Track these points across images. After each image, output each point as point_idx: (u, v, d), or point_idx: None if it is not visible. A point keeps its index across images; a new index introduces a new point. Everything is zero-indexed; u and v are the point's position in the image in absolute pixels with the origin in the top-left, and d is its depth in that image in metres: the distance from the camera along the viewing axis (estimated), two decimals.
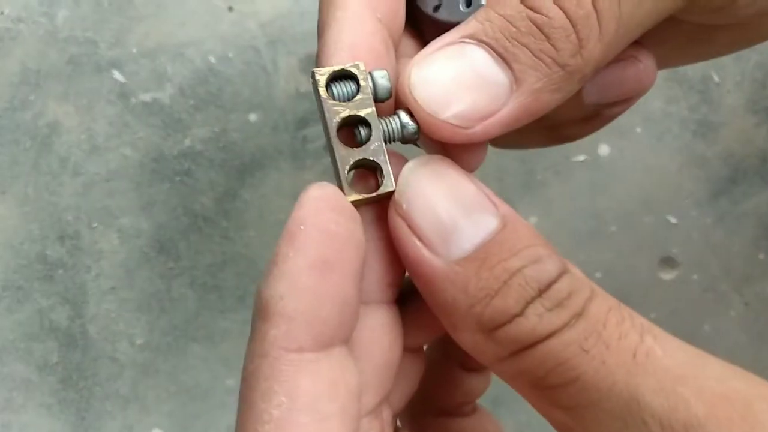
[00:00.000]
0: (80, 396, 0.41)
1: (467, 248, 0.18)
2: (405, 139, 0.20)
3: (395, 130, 0.20)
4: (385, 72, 0.20)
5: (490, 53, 0.19)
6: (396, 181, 0.20)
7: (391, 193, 0.20)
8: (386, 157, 0.20)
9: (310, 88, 0.46)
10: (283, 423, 0.17)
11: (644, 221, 0.46)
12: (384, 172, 0.20)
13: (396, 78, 0.21)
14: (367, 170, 0.20)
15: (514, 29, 0.19)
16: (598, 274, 0.46)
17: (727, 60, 0.46)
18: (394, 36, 0.22)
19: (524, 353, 0.18)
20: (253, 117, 0.42)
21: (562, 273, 0.18)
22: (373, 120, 0.20)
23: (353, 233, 0.19)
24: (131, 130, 0.41)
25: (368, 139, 0.20)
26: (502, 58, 0.19)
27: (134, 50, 0.41)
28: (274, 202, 0.42)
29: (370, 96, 0.20)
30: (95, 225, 0.41)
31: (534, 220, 0.45)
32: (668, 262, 0.47)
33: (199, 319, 0.42)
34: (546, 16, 0.19)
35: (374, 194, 0.20)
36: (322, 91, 0.20)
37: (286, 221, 0.18)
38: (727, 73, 0.46)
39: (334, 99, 0.20)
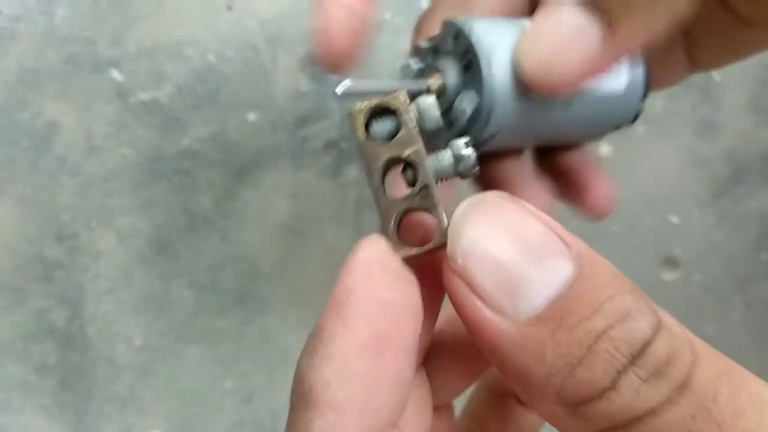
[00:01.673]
0: (78, 397, 0.41)
1: (539, 305, 0.15)
2: (462, 174, 0.18)
3: (448, 167, 0.18)
4: (431, 99, 0.18)
5: (581, 6, 0.22)
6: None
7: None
8: (437, 200, 0.17)
9: (309, 86, 0.46)
10: None
11: (646, 221, 0.46)
12: (438, 221, 0.17)
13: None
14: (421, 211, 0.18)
15: None
16: None
17: None
18: None
19: None
20: (252, 116, 0.42)
21: (658, 330, 0.15)
22: (420, 159, 0.17)
23: (410, 300, 0.16)
24: (129, 130, 0.41)
25: (416, 179, 0.17)
26: (595, 7, 0.21)
27: (132, 49, 0.41)
28: (273, 201, 0.42)
29: (415, 131, 0.17)
30: (93, 225, 0.41)
31: None
32: (670, 262, 0.47)
33: (198, 320, 0.42)
34: None
35: (426, 248, 0.17)
36: (360, 132, 0.17)
37: (333, 289, 0.16)
38: (728, 72, 0.46)
39: (374, 138, 0.17)
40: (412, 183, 0.17)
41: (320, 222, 0.42)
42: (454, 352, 0.20)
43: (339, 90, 0.19)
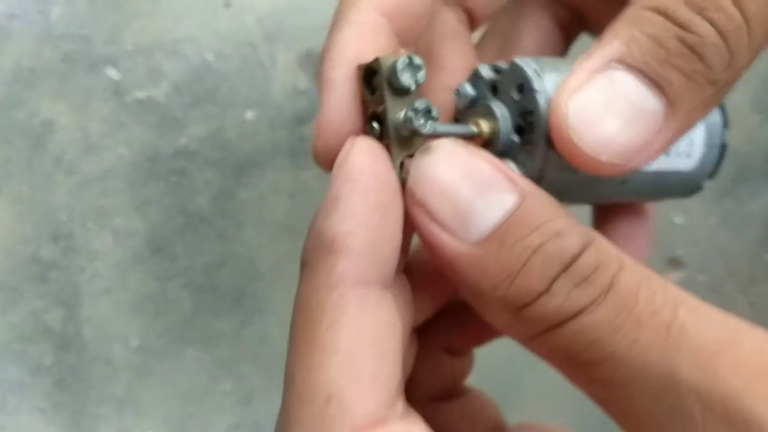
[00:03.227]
0: (75, 399, 0.41)
1: (486, 229, 0.18)
2: (414, 131, 0.20)
3: (400, 124, 0.20)
4: (401, 63, 0.20)
5: (641, 79, 0.19)
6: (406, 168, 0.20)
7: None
8: (393, 151, 0.20)
9: (308, 84, 0.46)
10: (350, 355, 0.18)
11: None
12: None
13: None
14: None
15: (663, 51, 0.19)
16: None
17: None
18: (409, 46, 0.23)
19: (555, 331, 0.18)
20: (250, 114, 0.42)
21: (587, 245, 0.18)
22: (384, 116, 0.20)
23: (398, 184, 0.20)
24: (126, 129, 0.41)
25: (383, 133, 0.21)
26: (655, 84, 0.19)
27: (129, 47, 0.41)
28: (271, 200, 0.42)
29: (384, 91, 0.20)
30: (89, 225, 0.41)
31: None
32: (674, 262, 0.47)
33: (195, 321, 0.42)
34: (697, 35, 0.19)
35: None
36: (363, 89, 0.21)
37: (338, 167, 0.19)
38: None
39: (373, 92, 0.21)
40: (379, 136, 0.20)
41: None
42: (424, 274, 0.23)
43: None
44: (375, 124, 0.20)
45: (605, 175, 0.20)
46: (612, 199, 0.26)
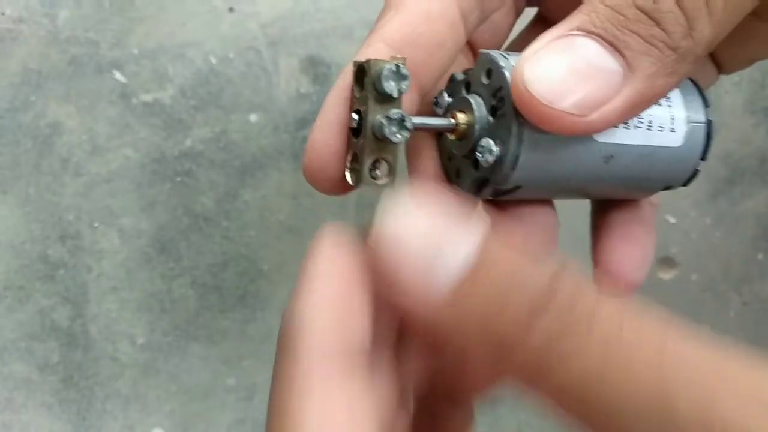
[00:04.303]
0: (81, 396, 0.41)
1: (453, 278, 0.18)
2: (390, 138, 0.21)
3: (379, 126, 0.21)
4: (387, 69, 0.21)
5: (600, 43, 0.19)
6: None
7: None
8: (367, 150, 0.21)
9: (310, 88, 0.46)
10: (322, 420, 0.18)
11: None
12: (361, 164, 0.21)
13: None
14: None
15: (622, 17, 0.19)
16: None
17: None
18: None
19: (547, 372, 0.17)
20: (253, 117, 0.42)
21: (557, 274, 0.17)
22: (364, 116, 0.21)
23: (361, 269, 0.20)
24: (132, 131, 0.41)
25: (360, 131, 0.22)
26: (613, 47, 0.19)
27: (135, 51, 0.41)
28: (274, 202, 0.42)
29: (368, 92, 0.21)
30: (96, 225, 0.41)
31: None
32: (667, 261, 0.47)
33: (200, 318, 0.42)
34: (653, 2, 0.19)
35: (374, 185, 0.22)
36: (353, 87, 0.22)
37: (305, 254, 0.20)
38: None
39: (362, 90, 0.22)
40: (356, 129, 0.21)
41: (321, 222, 0.42)
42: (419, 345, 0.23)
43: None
44: (355, 116, 0.21)
45: (568, 131, 0.20)
46: (603, 187, 0.24)
